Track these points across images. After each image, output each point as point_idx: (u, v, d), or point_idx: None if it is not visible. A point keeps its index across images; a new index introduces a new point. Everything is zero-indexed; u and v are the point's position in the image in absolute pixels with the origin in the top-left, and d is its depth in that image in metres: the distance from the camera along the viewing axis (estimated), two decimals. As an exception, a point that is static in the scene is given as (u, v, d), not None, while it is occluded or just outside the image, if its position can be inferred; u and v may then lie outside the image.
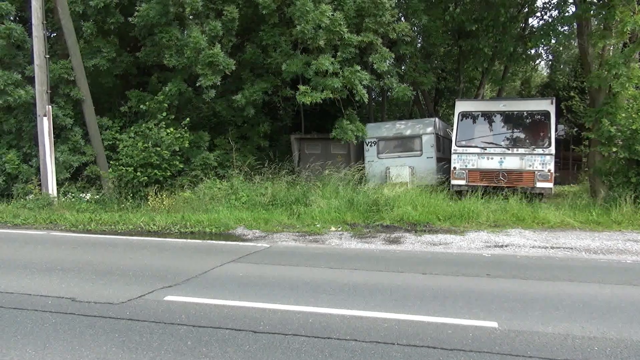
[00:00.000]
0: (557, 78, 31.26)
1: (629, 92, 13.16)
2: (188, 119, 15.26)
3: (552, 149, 13.35)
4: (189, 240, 10.34)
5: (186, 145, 14.93)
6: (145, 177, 14.12)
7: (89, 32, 15.71)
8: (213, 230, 11.41)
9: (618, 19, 12.94)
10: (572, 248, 9.17)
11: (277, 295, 6.16)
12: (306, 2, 13.62)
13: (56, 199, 14.50)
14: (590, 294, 6.26)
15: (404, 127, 16.72)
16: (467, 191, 13.47)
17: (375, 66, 14.93)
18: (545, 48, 26.52)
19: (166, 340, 4.73)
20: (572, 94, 26.22)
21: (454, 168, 14.04)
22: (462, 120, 14.46)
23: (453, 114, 15.12)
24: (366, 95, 14.61)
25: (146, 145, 14.42)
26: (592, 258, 8.52)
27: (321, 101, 14.31)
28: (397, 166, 15.53)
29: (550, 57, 31.16)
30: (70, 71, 15.42)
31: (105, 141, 16.06)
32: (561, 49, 27.98)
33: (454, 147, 14.17)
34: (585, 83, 16.33)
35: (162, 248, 9.47)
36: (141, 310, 5.60)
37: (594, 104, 14.73)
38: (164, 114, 15.12)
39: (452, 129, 14.67)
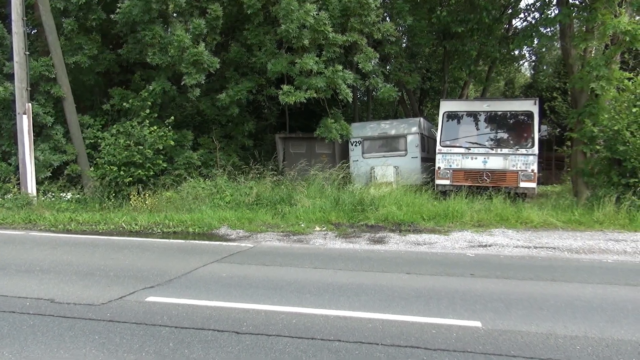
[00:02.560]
0: (540, 79, 31.61)
1: (611, 94, 13.34)
2: (172, 117, 15.14)
3: (536, 149, 13.47)
4: (171, 241, 10.25)
5: (170, 143, 14.80)
6: (130, 178, 13.98)
7: (70, 28, 15.48)
8: (196, 230, 11.33)
9: (600, 22, 13.09)
10: (554, 248, 9.26)
11: (260, 295, 6.13)
12: (291, 1, 13.57)
13: (35, 198, 14.27)
14: (572, 293, 6.32)
15: (389, 127, 16.76)
16: (452, 191, 13.55)
17: (360, 66, 14.94)
18: (528, 49, 26.81)
19: (147, 341, 4.67)
20: (555, 94, 26.48)
21: (439, 168, 14.10)
22: (446, 120, 14.53)
23: (438, 113, 15.19)
24: (350, 95, 14.60)
25: (128, 143, 14.27)
26: (574, 258, 8.61)
27: (305, 100, 14.28)
28: (382, 166, 15.56)
29: (534, 58, 31.53)
30: (51, 68, 15.20)
31: (87, 140, 15.86)
32: (544, 50, 28.28)
33: (438, 147, 14.24)
34: (567, 84, 16.50)
35: (144, 248, 9.37)
36: (122, 311, 5.52)
37: (577, 104, 14.90)
38: (147, 111, 14.99)
39: (437, 129, 14.74)
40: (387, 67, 19.61)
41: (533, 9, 20.84)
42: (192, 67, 14.16)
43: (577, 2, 14.86)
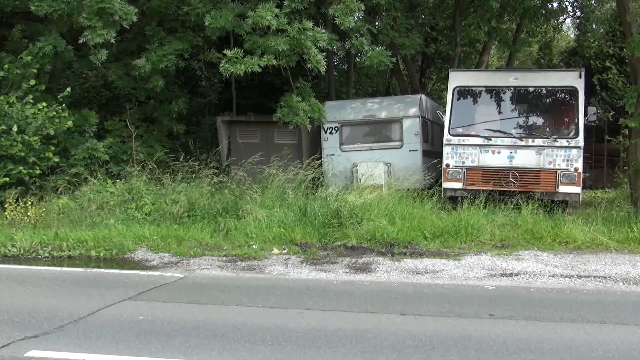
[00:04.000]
0: (587, 42, 32.10)
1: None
2: (69, 89, 14.92)
3: (580, 140, 13.67)
4: (65, 269, 10.18)
5: (66, 126, 14.57)
6: (5, 178, 13.74)
7: None
8: (101, 254, 11.26)
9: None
10: (605, 277, 9.42)
11: (193, 347, 6.09)
12: None
13: None
14: (629, 340, 6.44)
15: (378, 108, 16.83)
16: (465, 198, 13.66)
17: (337, 21, 14.94)
18: (571, 1, 27.24)
19: (27, 415, 4.60)
20: (607, 64, 26.95)
21: (447, 165, 14.21)
22: (458, 98, 14.66)
23: (446, 89, 15.30)
24: (323, 63, 14.61)
25: (3, 127, 14.02)
26: (632, 291, 8.78)
27: (260, 70, 14.24)
28: (368, 162, 15.61)
29: (579, 13, 32.05)
30: None
31: (-59, 123, 15.55)
32: (593, 2, 28.78)
33: (446, 136, 14.35)
34: (624, 50, 16.82)
35: (25, 280, 9.26)
36: (-10, 372, 5.44)
37: (637, 78, 15.15)
38: (32, 82, 14.74)
39: (445, 111, 14.84)
40: (376, 24, 19.68)
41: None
42: (97, 18, 13.97)
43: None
